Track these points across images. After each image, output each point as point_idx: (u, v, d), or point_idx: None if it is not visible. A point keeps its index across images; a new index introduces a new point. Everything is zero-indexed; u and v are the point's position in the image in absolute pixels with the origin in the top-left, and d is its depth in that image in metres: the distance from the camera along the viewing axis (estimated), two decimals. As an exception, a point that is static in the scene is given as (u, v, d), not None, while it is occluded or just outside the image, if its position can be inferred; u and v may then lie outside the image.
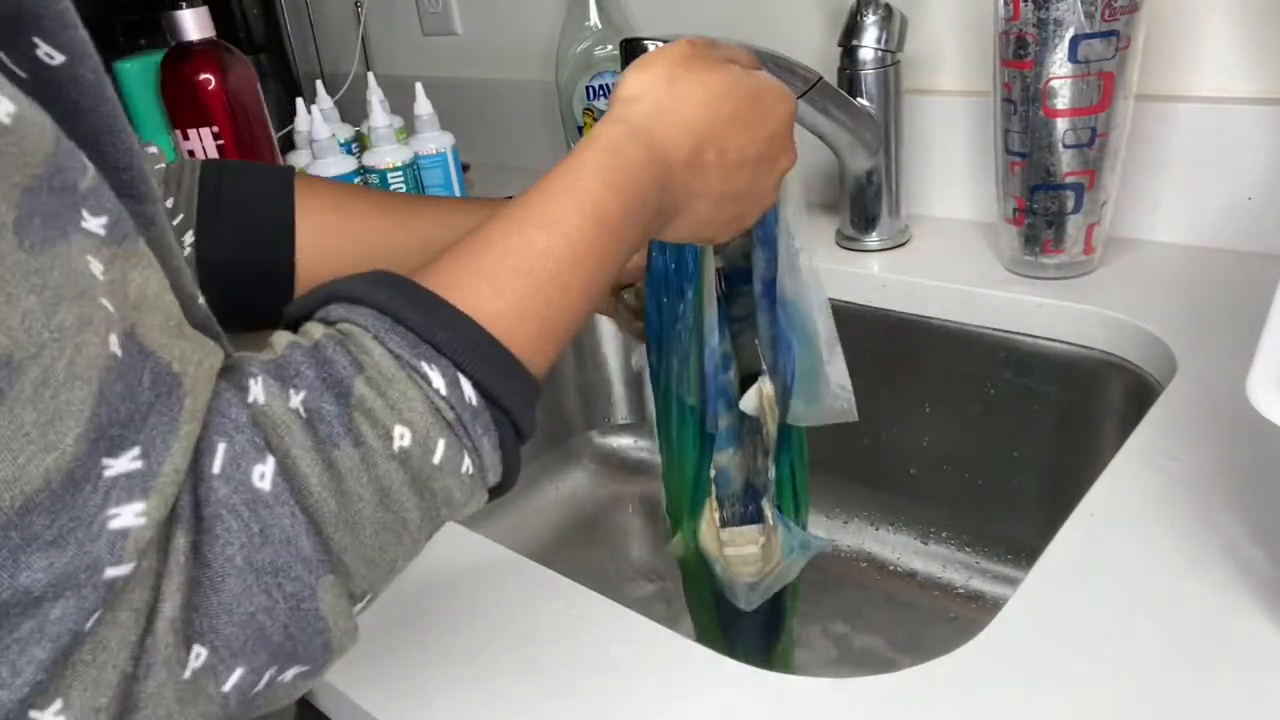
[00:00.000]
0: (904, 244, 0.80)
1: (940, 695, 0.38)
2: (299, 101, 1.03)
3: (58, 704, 0.23)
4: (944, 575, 0.78)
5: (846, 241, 0.81)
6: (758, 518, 0.60)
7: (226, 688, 0.27)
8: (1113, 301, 0.65)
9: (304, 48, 1.33)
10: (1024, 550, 0.76)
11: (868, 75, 0.73)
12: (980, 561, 0.78)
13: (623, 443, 0.98)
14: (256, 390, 0.29)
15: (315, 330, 0.31)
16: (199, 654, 0.26)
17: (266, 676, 0.28)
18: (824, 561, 0.83)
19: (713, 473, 0.58)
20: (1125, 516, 0.46)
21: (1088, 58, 0.61)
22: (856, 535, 0.84)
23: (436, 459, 0.31)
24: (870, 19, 0.72)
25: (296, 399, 0.29)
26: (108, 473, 0.24)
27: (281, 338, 0.32)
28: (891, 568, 0.80)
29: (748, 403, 0.57)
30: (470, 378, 0.32)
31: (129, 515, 0.24)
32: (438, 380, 0.31)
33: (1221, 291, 0.65)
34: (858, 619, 0.77)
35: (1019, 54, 0.63)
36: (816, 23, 0.85)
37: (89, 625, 0.23)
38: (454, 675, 0.42)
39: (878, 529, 0.83)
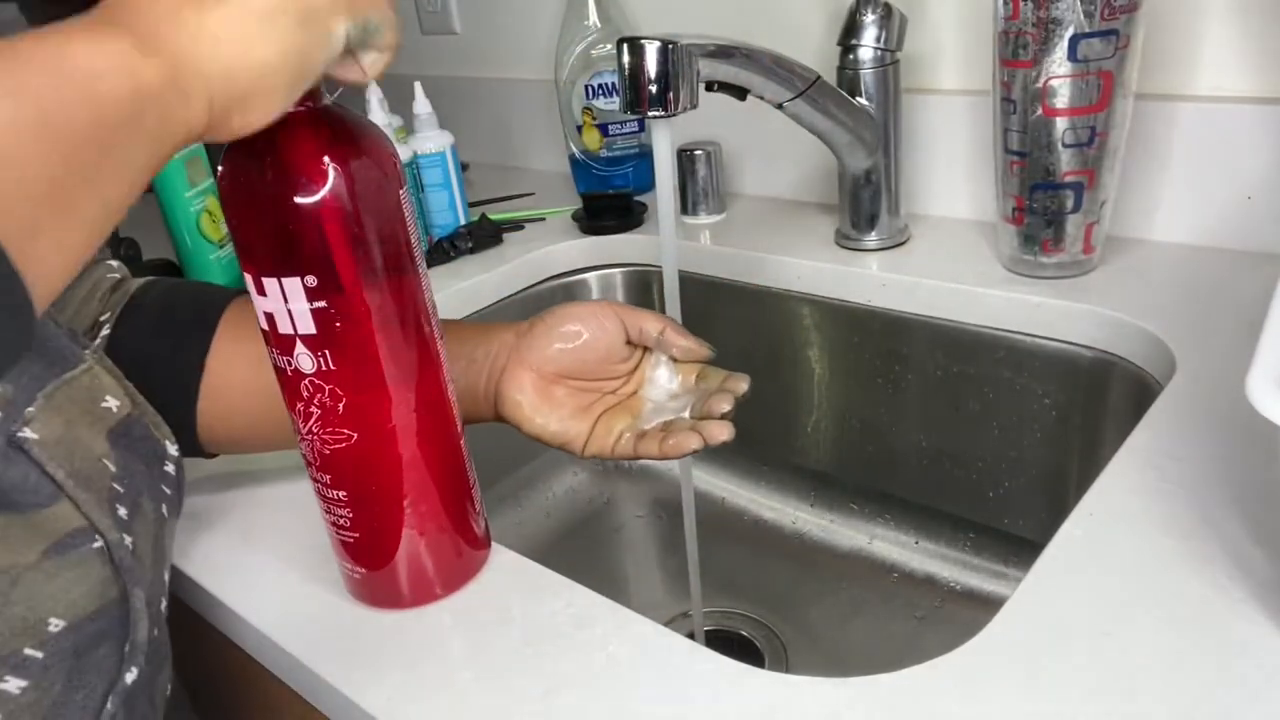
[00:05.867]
0: (903, 243, 0.80)
1: (940, 695, 0.38)
2: (298, 101, 1.03)
3: None
4: (943, 575, 0.78)
5: (845, 241, 0.81)
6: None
7: None
8: (1112, 301, 0.65)
9: (303, 47, 1.33)
10: (1024, 550, 0.76)
11: (867, 74, 0.73)
12: (980, 561, 0.78)
13: (622, 442, 0.98)
14: None
15: None
16: None
17: None
18: (824, 561, 0.83)
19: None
20: (1125, 516, 0.46)
21: (1087, 57, 0.61)
22: (856, 535, 0.84)
23: None
24: (869, 18, 0.72)
25: None
26: None
27: None
28: (891, 567, 0.80)
29: None
30: None
31: None
32: None
33: (1221, 291, 0.65)
34: (857, 619, 0.77)
35: (1018, 53, 0.63)
36: (816, 22, 0.85)
37: None
38: (454, 675, 0.42)
39: (877, 528, 0.83)
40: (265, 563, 0.52)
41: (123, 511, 0.40)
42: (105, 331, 0.51)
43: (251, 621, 0.48)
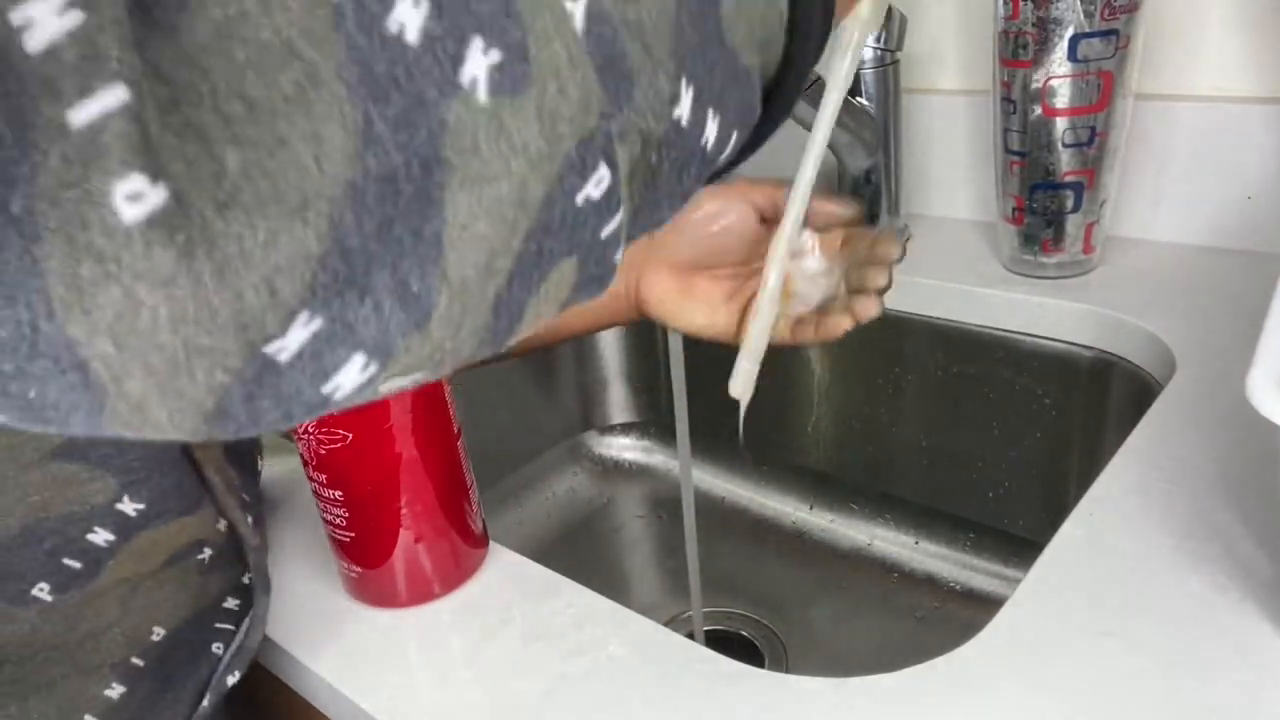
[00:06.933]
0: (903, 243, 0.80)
1: (940, 695, 0.38)
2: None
3: None
4: (943, 575, 0.78)
5: (846, 241, 0.81)
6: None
7: None
8: (1112, 301, 0.65)
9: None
10: (1024, 550, 0.76)
11: (867, 74, 0.73)
12: (980, 561, 0.78)
13: (623, 443, 0.98)
14: None
15: None
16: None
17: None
18: (824, 561, 0.83)
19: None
20: (1125, 516, 0.45)
21: (1087, 57, 0.61)
22: (856, 535, 0.84)
23: None
24: (869, 18, 0.72)
25: None
26: None
27: None
28: (891, 567, 0.80)
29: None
30: None
31: None
32: None
33: (1221, 291, 0.65)
34: (857, 619, 0.77)
35: (1018, 53, 0.63)
36: (816, 22, 0.85)
37: None
38: (454, 675, 0.42)
39: (877, 528, 0.83)
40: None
41: (250, 519, 0.42)
42: None
43: (251, 621, 0.48)
